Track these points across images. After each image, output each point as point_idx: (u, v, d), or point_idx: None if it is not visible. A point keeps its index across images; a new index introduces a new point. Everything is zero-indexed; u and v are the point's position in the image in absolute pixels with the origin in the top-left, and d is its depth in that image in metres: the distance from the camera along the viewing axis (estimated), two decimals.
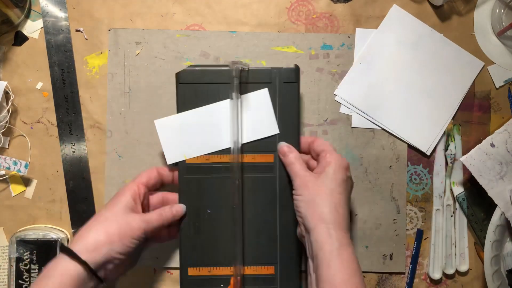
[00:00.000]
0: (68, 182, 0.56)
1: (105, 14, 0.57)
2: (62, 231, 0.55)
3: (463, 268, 0.56)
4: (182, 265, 0.51)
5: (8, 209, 0.56)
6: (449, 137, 0.57)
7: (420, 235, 0.56)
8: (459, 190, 0.57)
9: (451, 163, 0.56)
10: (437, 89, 0.56)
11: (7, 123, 0.55)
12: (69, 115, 0.56)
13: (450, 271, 0.56)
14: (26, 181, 0.56)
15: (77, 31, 0.57)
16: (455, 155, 0.56)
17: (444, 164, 0.57)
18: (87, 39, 0.57)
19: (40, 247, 0.53)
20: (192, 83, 0.50)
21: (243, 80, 0.50)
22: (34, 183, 0.56)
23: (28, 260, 0.53)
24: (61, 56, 0.56)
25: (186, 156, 0.50)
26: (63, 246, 0.44)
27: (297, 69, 0.51)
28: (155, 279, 0.56)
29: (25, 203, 0.56)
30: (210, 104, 0.50)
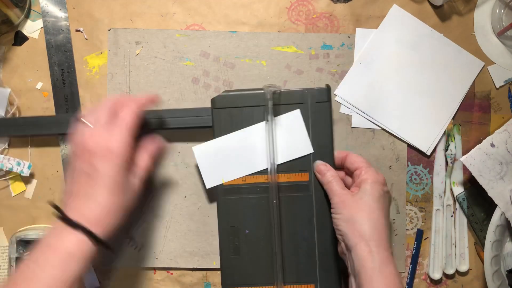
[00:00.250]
0: None
1: (105, 14, 0.57)
2: None
3: (463, 268, 0.56)
4: (223, 285, 0.52)
5: (8, 209, 0.56)
6: (449, 137, 0.57)
7: (420, 235, 0.56)
8: (459, 190, 0.57)
9: (451, 163, 0.56)
10: (437, 89, 0.56)
11: None
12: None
13: (450, 271, 0.56)
14: (26, 181, 0.56)
15: (77, 31, 0.57)
16: (455, 155, 0.56)
17: (444, 164, 0.57)
18: (87, 39, 0.57)
19: None
20: (226, 108, 0.52)
21: (275, 102, 0.52)
22: (34, 183, 0.56)
23: None
24: (61, 56, 0.56)
25: (224, 179, 0.52)
26: (69, 219, 0.40)
27: (328, 89, 0.53)
28: (155, 279, 0.56)
29: (25, 203, 0.56)
30: (244, 127, 0.52)
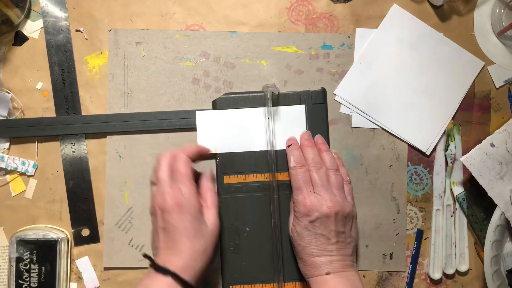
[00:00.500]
0: (68, 182, 0.56)
1: (105, 14, 0.57)
2: (62, 231, 0.55)
3: (463, 268, 0.56)
4: (224, 284, 0.53)
5: (8, 209, 0.56)
6: (449, 137, 0.57)
7: (420, 235, 0.56)
8: (459, 190, 0.57)
9: (451, 163, 0.56)
10: (437, 89, 0.56)
11: None
12: (69, 115, 0.56)
13: (450, 271, 0.56)
14: (26, 181, 0.56)
15: (77, 31, 0.57)
16: (455, 155, 0.56)
17: (444, 164, 0.57)
18: (87, 39, 0.57)
19: (40, 247, 0.53)
20: (227, 109, 0.54)
21: (274, 103, 0.54)
22: (34, 183, 0.56)
23: (28, 260, 0.53)
24: (61, 56, 0.56)
25: (216, 149, 0.53)
26: (184, 280, 0.43)
27: (324, 91, 0.55)
28: None
29: (25, 203, 0.56)
30: (248, 108, 0.54)
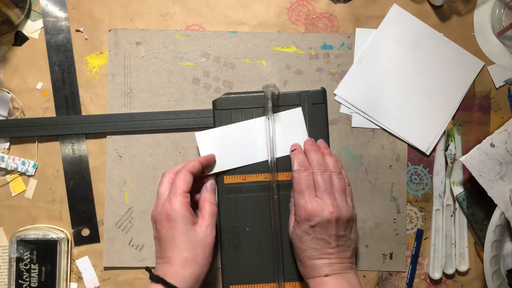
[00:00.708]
0: (68, 182, 0.56)
1: (105, 14, 0.57)
2: (62, 231, 0.55)
3: (463, 268, 0.56)
4: (224, 283, 0.52)
5: (8, 209, 0.56)
6: (449, 137, 0.57)
7: (420, 235, 0.57)
8: (459, 190, 0.57)
9: (451, 163, 0.56)
10: (437, 89, 0.56)
11: None
12: (69, 115, 0.56)
13: (450, 271, 0.56)
14: (26, 181, 0.56)
15: (77, 31, 0.57)
16: (455, 155, 0.56)
17: (444, 164, 0.57)
18: (87, 39, 0.57)
19: (40, 247, 0.53)
20: (227, 109, 0.54)
21: (274, 103, 0.53)
22: (34, 183, 0.56)
23: (28, 260, 0.53)
24: (61, 56, 0.56)
25: (223, 168, 0.53)
26: (170, 285, 0.44)
27: (324, 91, 0.54)
28: None
29: (25, 203, 0.56)
30: (247, 120, 0.53)
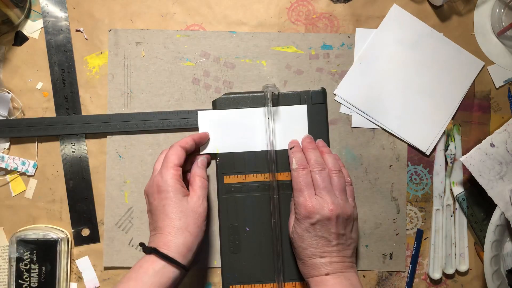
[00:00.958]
0: (68, 182, 0.56)
1: (105, 14, 0.57)
2: (62, 231, 0.55)
3: (463, 268, 0.56)
4: (224, 283, 0.53)
5: (8, 209, 0.56)
6: (449, 137, 0.57)
7: (420, 235, 0.57)
8: (459, 190, 0.57)
9: (451, 163, 0.56)
10: (437, 89, 0.56)
11: None
12: (69, 115, 0.56)
13: (450, 271, 0.56)
14: (26, 181, 0.56)
15: (77, 31, 0.57)
16: (455, 155, 0.56)
17: (444, 164, 0.57)
18: (87, 39, 0.57)
19: (40, 247, 0.53)
20: (227, 109, 0.54)
21: (274, 103, 0.54)
22: (34, 183, 0.56)
23: (28, 260, 0.53)
24: (61, 56, 0.56)
25: (218, 149, 0.53)
26: (163, 254, 0.45)
27: (324, 91, 0.55)
28: None
29: (25, 203, 0.56)
30: (248, 108, 0.54)
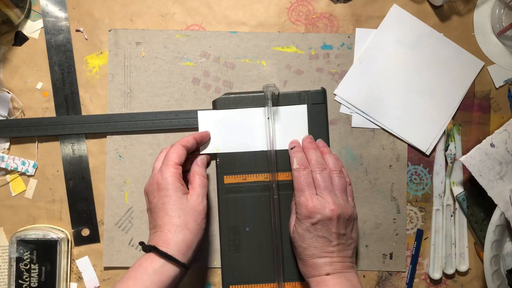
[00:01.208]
0: (68, 182, 0.56)
1: (105, 14, 0.57)
2: (62, 231, 0.55)
3: (463, 268, 0.56)
4: (224, 283, 0.53)
5: (8, 209, 0.56)
6: (449, 137, 0.57)
7: (420, 235, 0.57)
8: (459, 190, 0.57)
9: (451, 163, 0.56)
10: (437, 89, 0.56)
11: None
12: (69, 115, 0.56)
13: (450, 271, 0.56)
14: (26, 181, 0.56)
15: (77, 31, 0.57)
16: (455, 155, 0.56)
17: (444, 164, 0.57)
18: (87, 39, 0.57)
19: (40, 247, 0.53)
20: (227, 109, 0.54)
21: (274, 103, 0.54)
22: (34, 183, 0.56)
23: (28, 260, 0.53)
24: (61, 56, 0.56)
25: (219, 149, 0.53)
26: (162, 252, 0.45)
27: (324, 91, 0.55)
28: None
29: (25, 203, 0.56)
30: (248, 108, 0.54)
